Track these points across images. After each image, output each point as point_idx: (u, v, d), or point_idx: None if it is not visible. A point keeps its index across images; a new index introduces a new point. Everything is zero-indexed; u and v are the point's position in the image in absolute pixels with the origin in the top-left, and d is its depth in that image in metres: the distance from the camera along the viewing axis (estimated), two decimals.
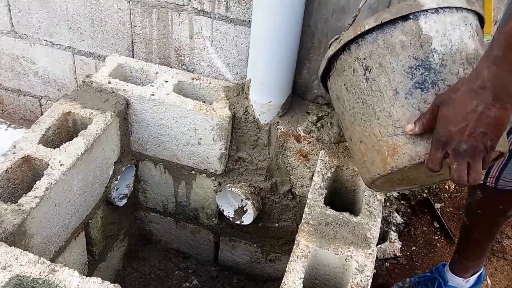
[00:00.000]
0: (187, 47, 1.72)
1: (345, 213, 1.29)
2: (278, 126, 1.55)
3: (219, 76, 1.72)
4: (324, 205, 1.31)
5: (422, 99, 1.03)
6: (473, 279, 1.76)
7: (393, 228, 2.08)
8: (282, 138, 1.55)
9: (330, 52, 1.17)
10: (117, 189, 1.71)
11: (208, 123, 1.58)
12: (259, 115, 1.56)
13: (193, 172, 1.73)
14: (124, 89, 1.62)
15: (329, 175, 1.40)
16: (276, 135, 1.56)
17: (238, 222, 1.73)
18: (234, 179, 1.70)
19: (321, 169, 1.42)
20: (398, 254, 1.98)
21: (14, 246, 1.16)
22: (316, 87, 1.61)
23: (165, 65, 1.77)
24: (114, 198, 1.68)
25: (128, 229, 1.90)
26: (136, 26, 1.74)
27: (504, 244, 2.04)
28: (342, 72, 1.16)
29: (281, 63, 1.48)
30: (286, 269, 1.17)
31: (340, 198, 1.47)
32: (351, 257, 1.20)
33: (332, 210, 1.29)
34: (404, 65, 1.05)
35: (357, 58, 1.11)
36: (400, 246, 1.98)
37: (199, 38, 1.68)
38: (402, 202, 2.15)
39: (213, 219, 1.84)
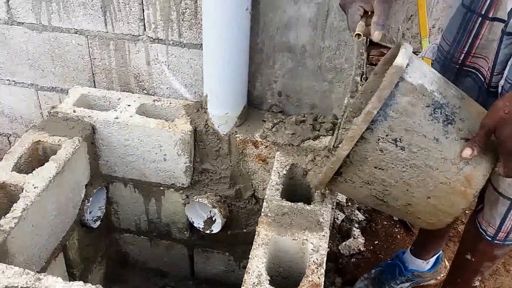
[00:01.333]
0: (145, 73, 1.84)
1: (299, 203, 1.40)
2: (236, 135, 1.67)
3: (179, 96, 1.85)
4: (280, 198, 1.43)
5: (457, 129, 1.13)
6: (432, 260, 1.91)
7: (356, 225, 2.22)
8: (241, 145, 1.68)
9: (344, 152, 1.13)
10: (90, 212, 1.79)
11: (172, 139, 1.69)
12: (218, 127, 1.69)
13: (161, 188, 1.83)
14: (89, 116, 1.72)
15: (284, 172, 1.53)
16: (236, 143, 1.68)
17: (208, 231, 1.83)
18: (201, 190, 1.81)
19: (277, 168, 1.54)
20: (362, 249, 2.11)
21: None
22: (270, 97, 1.75)
23: (126, 91, 1.88)
24: (88, 220, 1.75)
25: (105, 251, 1.96)
26: (95, 58, 1.85)
27: (459, 230, 2.19)
28: (366, 159, 1.15)
29: (233, 78, 1.62)
30: (250, 256, 1.26)
31: (299, 193, 1.59)
32: (307, 240, 1.31)
33: (288, 202, 1.41)
34: (426, 117, 1.12)
35: (379, 139, 1.12)
36: (364, 241, 2.11)
37: (156, 64, 1.81)
38: None
39: (185, 232, 1.93)
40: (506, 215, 1.45)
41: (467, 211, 2.22)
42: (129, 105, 1.77)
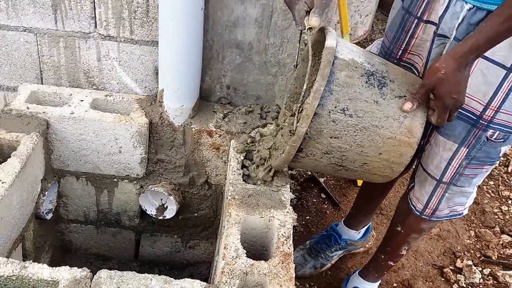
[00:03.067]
0: (96, 69, 1.87)
1: (261, 185, 1.55)
2: (192, 126, 1.78)
3: (129, 91, 1.90)
4: (243, 181, 1.57)
5: (390, 90, 1.31)
6: (363, 231, 2.15)
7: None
8: (196, 135, 1.78)
9: (303, 129, 1.26)
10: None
11: (128, 132, 1.76)
12: (173, 119, 1.78)
13: (115, 179, 1.88)
14: (43, 112, 1.73)
15: (241, 158, 1.66)
16: (191, 133, 1.79)
17: (161, 217, 1.91)
18: (155, 179, 1.88)
19: (234, 154, 1.68)
20: (295, 224, 2.30)
21: None
22: (219, 90, 1.88)
23: (75, 87, 1.90)
24: (42, 213, 1.76)
25: (51, 241, 1.97)
26: (44, 55, 1.85)
27: (382, 205, 2.45)
28: (321, 132, 1.29)
29: (189, 73, 1.72)
30: (225, 235, 1.39)
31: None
32: (273, 217, 1.47)
33: (251, 185, 1.55)
34: (363, 85, 1.29)
35: (330, 112, 1.27)
36: (296, 217, 2.30)
37: (107, 60, 1.85)
38: (292, 181, 2.48)
39: (135, 219, 1.99)
40: (433, 194, 1.60)
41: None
42: (82, 100, 1.80)
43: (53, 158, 1.82)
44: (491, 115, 1.39)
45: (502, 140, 1.44)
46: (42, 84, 1.90)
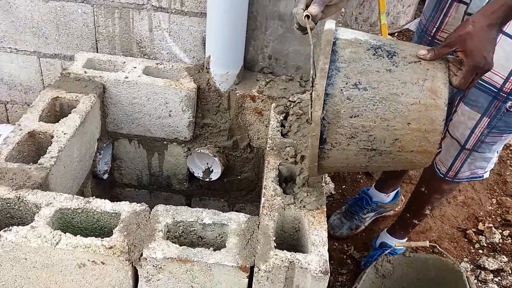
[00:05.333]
0: (147, 39, 1.97)
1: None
2: (236, 91, 1.85)
3: (178, 61, 1.98)
4: (282, 137, 1.63)
5: (402, 58, 1.22)
6: (392, 194, 2.24)
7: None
8: (240, 100, 1.86)
9: (318, 112, 1.18)
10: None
11: (178, 96, 1.84)
12: (220, 85, 1.86)
13: (165, 142, 1.97)
14: (100, 76, 1.83)
15: (281, 118, 1.73)
16: (235, 98, 1.86)
17: (207, 179, 1.99)
18: (201, 143, 1.97)
19: (274, 115, 1.74)
20: (333, 192, 2.39)
21: None
22: (261, 61, 1.95)
23: (128, 56, 2.00)
24: (99, 171, 1.86)
25: None
26: (99, 26, 1.96)
27: (410, 173, 2.54)
28: (339, 113, 1.19)
29: (234, 40, 1.79)
30: (264, 177, 1.46)
31: None
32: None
33: (287, 138, 1.61)
34: (371, 57, 1.20)
35: (342, 89, 1.18)
36: (334, 186, 2.39)
37: (158, 31, 1.95)
38: None
39: (184, 183, 2.08)
40: (456, 158, 1.73)
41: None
42: (134, 68, 1.89)
43: (108, 121, 1.92)
44: (510, 88, 1.50)
45: None
46: (97, 53, 2.01)
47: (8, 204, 1.29)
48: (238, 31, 1.78)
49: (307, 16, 1.26)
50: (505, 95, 1.52)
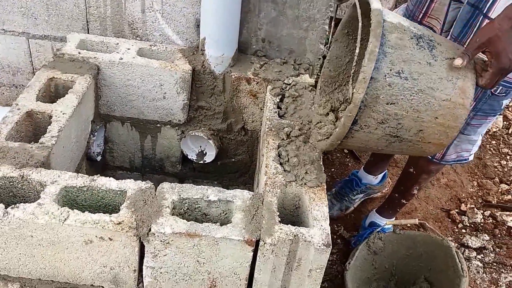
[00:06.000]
0: (139, 20, 1.95)
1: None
2: (231, 74, 1.87)
3: (171, 43, 1.99)
4: (279, 118, 1.66)
5: (440, 52, 1.25)
6: (380, 176, 2.31)
7: None
8: (235, 82, 1.87)
9: (360, 95, 1.18)
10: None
11: (173, 78, 1.84)
12: (214, 67, 1.86)
13: (158, 125, 1.97)
14: (94, 57, 1.81)
15: (277, 100, 1.76)
16: (230, 81, 1.87)
17: (201, 162, 2.01)
18: (195, 126, 1.97)
19: (271, 97, 1.77)
20: None
21: None
22: (255, 43, 1.96)
23: (120, 38, 1.99)
24: (93, 153, 1.85)
25: None
26: (91, 6, 1.93)
27: (396, 157, 2.63)
28: (378, 98, 1.20)
29: (229, 23, 1.80)
30: (265, 156, 1.48)
31: None
32: None
33: (284, 119, 1.64)
34: (414, 47, 1.22)
35: (385, 75, 1.19)
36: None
37: (150, 12, 1.93)
38: None
39: (177, 165, 2.08)
40: None
41: None
42: (128, 49, 1.88)
43: (101, 103, 1.91)
44: None
45: (504, 94, 1.62)
46: (89, 34, 1.99)
47: (11, 183, 1.28)
48: (233, 13, 1.79)
49: None
50: None
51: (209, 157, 1.99)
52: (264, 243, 1.21)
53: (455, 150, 1.82)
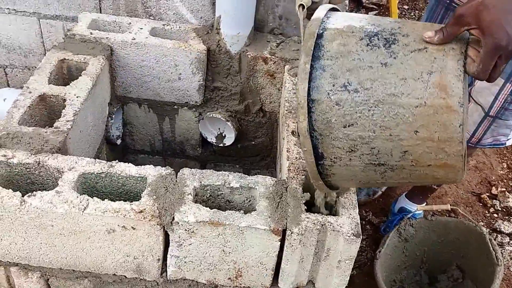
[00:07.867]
0: None
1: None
2: (247, 53, 1.78)
3: (185, 22, 1.89)
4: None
5: (403, 45, 0.95)
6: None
7: None
8: (252, 62, 1.78)
9: (303, 123, 0.97)
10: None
11: (187, 58, 1.76)
12: (230, 46, 1.78)
13: (175, 106, 1.90)
14: (106, 37, 1.73)
15: (296, 80, 1.68)
16: (247, 60, 1.78)
17: (221, 145, 1.94)
18: (212, 107, 1.90)
19: (289, 77, 1.68)
20: None
21: None
22: (272, 21, 1.87)
23: (133, 17, 1.90)
24: (112, 136, 1.79)
25: None
26: None
27: None
28: (330, 123, 0.97)
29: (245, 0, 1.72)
30: (286, 140, 1.42)
31: None
32: None
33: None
34: (363, 48, 0.96)
35: (329, 93, 0.96)
36: None
37: None
38: None
39: (198, 148, 2.01)
40: (480, 125, 1.70)
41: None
42: (141, 29, 1.80)
43: (116, 85, 1.83)
44: None
45: None
46: (101, 14, 1.91)
47: (28, 169, 1.22)
48: None
49: (302, 6, 1.12)
50: None
51: (229, 139, 1.92)
52: (292, 233, 1.14)
53: (492, 135, 1.73)
